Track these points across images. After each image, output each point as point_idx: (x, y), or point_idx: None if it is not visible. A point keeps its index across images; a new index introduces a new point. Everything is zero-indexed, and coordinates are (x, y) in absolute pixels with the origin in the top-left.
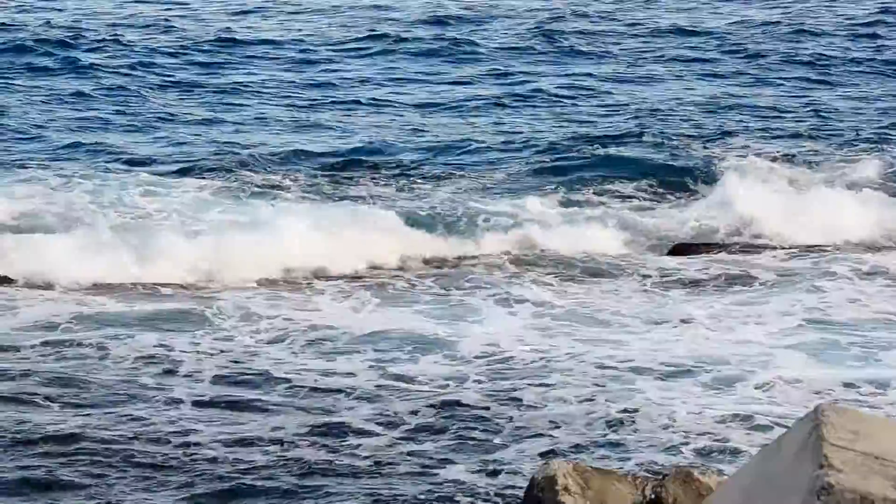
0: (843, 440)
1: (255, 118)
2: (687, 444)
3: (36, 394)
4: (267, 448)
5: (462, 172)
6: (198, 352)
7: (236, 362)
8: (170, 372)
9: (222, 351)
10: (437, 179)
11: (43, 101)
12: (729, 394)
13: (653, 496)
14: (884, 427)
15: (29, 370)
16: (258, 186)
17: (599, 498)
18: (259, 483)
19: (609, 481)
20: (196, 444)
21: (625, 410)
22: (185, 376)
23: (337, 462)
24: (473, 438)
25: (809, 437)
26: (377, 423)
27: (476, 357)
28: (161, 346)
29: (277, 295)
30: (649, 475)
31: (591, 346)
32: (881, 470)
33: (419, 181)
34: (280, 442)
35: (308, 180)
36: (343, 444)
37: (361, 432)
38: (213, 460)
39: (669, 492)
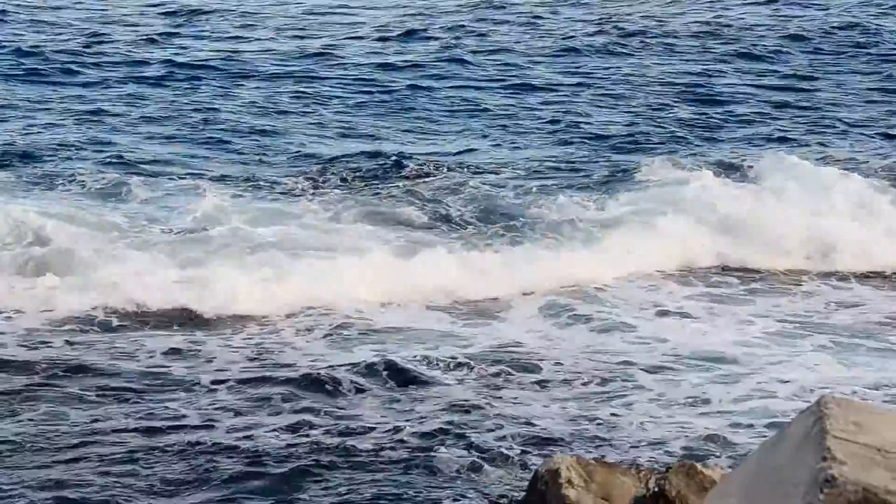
0: (845, 432)
1: (280, 123)
2: (689, 438)
3: (70, 385)
4: (279, 437)
5: (481, 172)
6: (229, 345)
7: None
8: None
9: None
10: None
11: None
12: (731, 388)
13: (656, 489)
14: (886, 419)
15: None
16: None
17: (603, 491)
18: (267, 470)
19: (613, 474)
20: (214, 430)
21: (627, 405)
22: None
23: (343, 451)
24: (476, 431)
25: (812, 430)
26: (384, 414)
27: (485, 348)
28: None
29: None
30: (653, 468)
31: (599, 340)
32: (883, 462)
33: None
34: (292, 431)
35: (349, 184)
36: (350, 433)
37: (369, 422)
38: (228, 448)
39: (673, 484)
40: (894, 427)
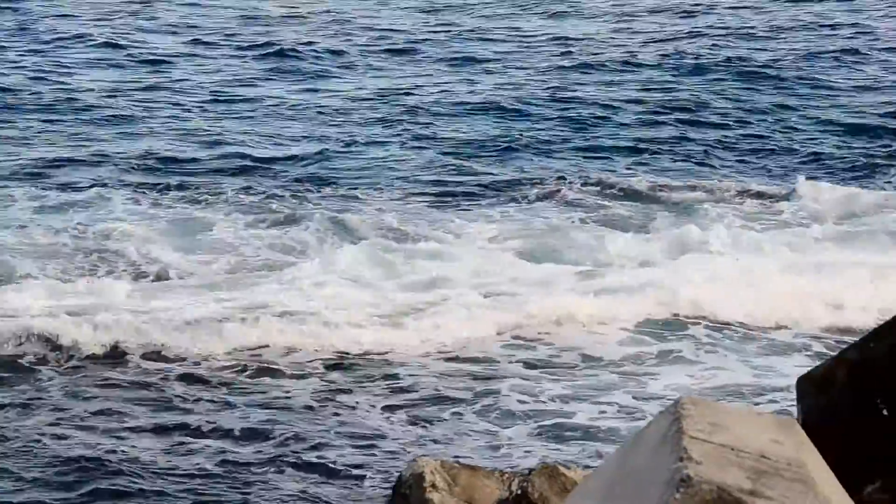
0: (702, 432)
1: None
2: (558, 441)
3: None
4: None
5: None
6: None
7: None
8: None
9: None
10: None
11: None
12: (602, 393)
13: (519, 491)
14: (741, 419)
15: None
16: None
17: (467, 494)
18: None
19: (476, 477)
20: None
21: (499, 409)
22: None
23: (178, 459)
24: (340, 440)
25: (669, 430)
26: (251, 425)
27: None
28: None
29: None
30: (516, 471)
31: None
32: (738, 461)
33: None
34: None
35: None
36: (185, 441)
37: (209, 430)
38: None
39: (535, 486)
40: (749, 427)
